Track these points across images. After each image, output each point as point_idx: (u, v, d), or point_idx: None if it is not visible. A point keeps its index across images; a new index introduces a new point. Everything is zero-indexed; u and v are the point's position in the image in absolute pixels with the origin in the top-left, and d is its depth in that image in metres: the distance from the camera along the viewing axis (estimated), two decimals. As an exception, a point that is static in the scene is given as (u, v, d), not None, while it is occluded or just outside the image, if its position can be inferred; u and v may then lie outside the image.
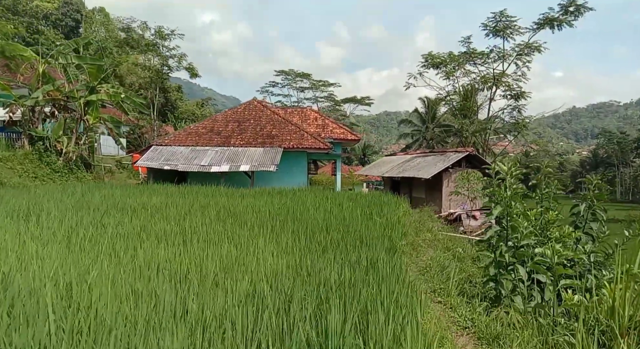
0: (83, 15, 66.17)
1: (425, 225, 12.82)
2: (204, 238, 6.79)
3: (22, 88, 21.01)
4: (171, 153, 23.16)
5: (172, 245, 6.01)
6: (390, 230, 8.54)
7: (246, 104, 28.10)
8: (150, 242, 6.16)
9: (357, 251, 6.56)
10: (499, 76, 29.07)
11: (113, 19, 66.69)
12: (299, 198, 13.70)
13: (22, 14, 61.05)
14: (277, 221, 8.56)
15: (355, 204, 12.60)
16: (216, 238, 6.75)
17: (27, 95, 20.00)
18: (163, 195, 14.81)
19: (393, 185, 25.29)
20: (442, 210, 20.57)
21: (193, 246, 5.93)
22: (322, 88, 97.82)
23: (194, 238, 6.64)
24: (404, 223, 10.23)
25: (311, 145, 24.56)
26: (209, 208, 10.34)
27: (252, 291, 3.86)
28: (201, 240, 6.57)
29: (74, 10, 64.98)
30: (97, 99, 21.16)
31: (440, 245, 9.94)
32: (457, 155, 20.62)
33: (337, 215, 9.80)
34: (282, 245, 6.55)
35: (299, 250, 6.29)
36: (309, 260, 5.52)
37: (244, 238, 6.91)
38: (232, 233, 7.26)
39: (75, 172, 21.13)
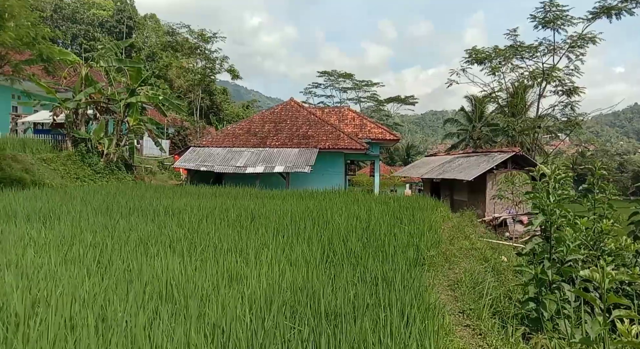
0: (135, 21, 68.94)
1: (463, 231, 11.86)
2: (211, 246, 6.35)
3: (67, 92, 21.77)
4: (208, 155, 23.27)
5: (172, 255, 5.59)
6: (419, 238, 7.77)
7: (283, 105, 27.89)
8: (150, 252, 5.78)
9: (376, 263, 5.89)
10: (549, 70, 26.97)
11: (163, 25, 69.01)
12: (327, 201, 13.12)
13: (80, 22, 64.47)
14: (296, 227, 8.02)
15: (387, 208, 11.85)
16: (224, 246, 6.29)
17: (71, 98, 20.68)
18: (192, 196, 14.71)
19: (433, 187, 24.15)
20: (485, 214, 19.30)
21: (192, 258, 5.49)
22: (365, 88, 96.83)
23: (200, 246, 6.21)
24: (436, 230, 9.39)
25: (347, 146, 23.92)
26: (230, 211, 9.97)
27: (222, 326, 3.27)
28: (206, 249, 6.13)
29: (127, 18, 67.80)
30: (136, 101, 21.56)
31: (478, 254, 9.02)
32: (502, 156, 19.26)
33: (363, 221, 9.13)
34: (293, 256, 5.99)
35: (310, 263, 5.70)
36: (316, 276, 4.92)
37: (254, 246, 6.41)
38: (243, 240, 6.79)
39: (115, 173, 21.61)
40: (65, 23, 66.02)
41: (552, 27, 26.91)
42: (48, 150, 20.08)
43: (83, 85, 20.84)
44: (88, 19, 64.51)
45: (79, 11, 65.45)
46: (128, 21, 68.37)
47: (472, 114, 52.53)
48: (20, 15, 12.74)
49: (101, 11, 66.76)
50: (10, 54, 13.73)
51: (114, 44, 22.20)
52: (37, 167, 18.34)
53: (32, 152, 19.01)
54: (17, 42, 12.45)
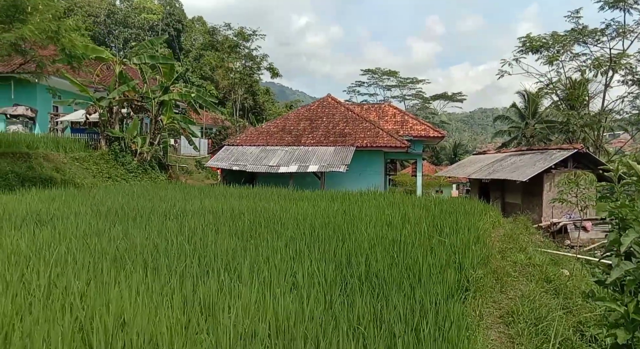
0: (183, 24, 70.27)
1: (517, 240, 10.14)
2: (203, 261, 5.22)
3: (104, 91, 21.67)
4: (241, 153, 22.49)
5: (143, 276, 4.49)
6: (463, 253, 6.29)
7: (320, 101, 26.71)
8: (128, 269, 4.72)
9: (404, 290, 4.52)
10: (617, 57, 23.83)
11: (210, 28, 70.01)
12: (360, 204, 11.78)
13: (131, 26, 66.57)
14: (312, 238, 6.77)
15: (426, 213, 10.34)
16: (217, 264, 5.13)
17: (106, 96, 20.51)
18: (217, 198, 13.81)
19: (481, 189, 22.09)
20: (542, 219, 17.19)
21: (172, 280, 4.35)
22: (410, 86, 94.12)
23: (184, 263, 5.08)
24: (485, 241, 7.83)
25: (387, 144, 22.38)
26: (245, 215, 8.88)
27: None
28: (195, 266, 4.99)
29: (175, 21, 69.26)
30: (169, 99, 21.11)
31: (537, 272, 7.39)
32: (562, 153, 17.05)
33: (395, 229, 7.73)
34: (298, 278, 4.74)
35: (317, 289, 4.43)
36: (317, 311, 3.65)
37: (254, 263, 5.22)
38: (243, 255, 5.62)
39: (149, 173, 21.27)
40: (118, 27, 68.42)
41: (623, 7, 23.53)
42: (82, 149, 19.98)
43: (117, 83, 20.62)
44: (139, 23, 66.42)
45: (130, 15, 67.57)
46: (176, 24, 69.84)
47: (525, 110, 49.25)
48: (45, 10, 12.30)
49: (151, 15, 68.58)
50: (35, 48, 13.39)
51: (148, 41, 21.87)
52: (70, 166, 18.20)
53: (65, 151, 18.92)
54: (37, 35, 11.97)
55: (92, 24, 62.40)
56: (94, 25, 63.22)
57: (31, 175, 15.81)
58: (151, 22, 67.75)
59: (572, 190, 11.26)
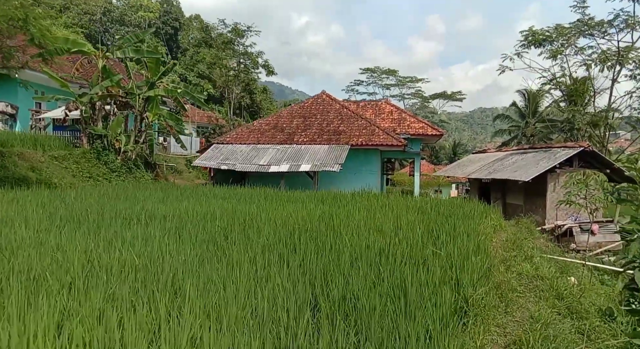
0: (181, 23, 69.26)
1: (522, 247, 9.22)
2: (149, 279, 4.29)
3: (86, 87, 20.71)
4: (231, 152, 21.55)
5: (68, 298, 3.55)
6: (462, 266, 5.36)
7: (314, 98, 25.75)
8: (43, 291, 3.78)
9: (387, 321, 3.60)
10: (625, 50, 22.71)
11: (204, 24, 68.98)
12: (349, 207, 10.84)
13: (128, 24, 65.54)
14: (286, 249, 5.84)
15: (422, 217, 9.42)
16: (161, 284, 4.20)
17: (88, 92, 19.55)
18: (199, 199, 12.88)
19: (482, 189, 21.14)
20: (546, 222, 16.26)
21: (94, 303, 3.41)
22: (409, 85, 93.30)
23: (129, 279, 4.15)
24: (486, 250, 6.90)
25: (383, 142, 21.44)
26: (220, 220, 7.95)
27: None
28: (134, 287, 4.06)
29: (172, 19, 68.26)
30: (154, 95, 20.16)
31: (546, 286, 6.47)
32: (567, 152, 16.11)
33: (384, 238, 6.81)
34: (255, 302, 3.82)
35: (281, 317, 3.50)
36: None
37: (206, 283, 4.29)
38: (200, 270, 4.70)
39: (133, 172, 20.33)
40: (114, 25, 67.47)
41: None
42: (62, 147, 19.02)
43: (100, 78, 19.66)
44: (135, 21, 65.43)
45: (127, 13, 66.54)
46: (174, 22, 68.86)
47: (525, 109, 48.37)
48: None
49: (148, 13, 67.59)
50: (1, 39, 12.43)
51: (133, 34, 20.89)
52: (47, 165, 17.25)
53: (43, 149, 17.96)
54: (1, 23, 11.03)
55: (88, 21, 61.45)
56: (90, 23, 62.25)
57: (3, 174, 14.86)
58: (148, 20, 66.81)
59: (580, 191, 10.33)
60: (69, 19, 58.79)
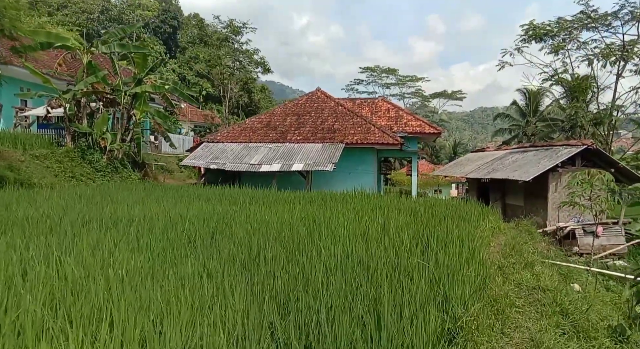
0: (180, 22, 68.52)
1: (521, 252, 8.51)
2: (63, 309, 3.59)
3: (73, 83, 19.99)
4: (221, 151, 20.84)
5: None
6: (450, 282, 4.65)
7: (308, 95, 25.03)
8: None
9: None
10: (630, 44, 21.76)
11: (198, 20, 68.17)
12: (337, 209, 10.15)
13: (126, 22, 64.79)
14: (251, 260, 5.13)
15: (413, 220, 8.72)
16: (82, 310, 3.50)
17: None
18: (179, 199, 12.19)
19: (480, 189, 20.40)
20: (547, 224, 15.54)
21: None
22: (409, 84, 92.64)
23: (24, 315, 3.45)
24: (481, 258, 6.19)
25: (378, 140, 20.72)
26: (189, 225, 7.25)
27: None
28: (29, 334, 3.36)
29: (171, 18, 67.48)
30: (141, 91, 19.46)
31: (548, 299, 5.76)
32: (570, 150, 15.37)
33: (367, 246, 6.11)
34: (200, 332, 3.12)
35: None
36: None
37: (138, 310, 3.59)
38: (134, 290, 4.00)
39: (120, 171, 19.63)
40: (112, 24, 66.81)
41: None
42: (45, 145, 18.32)
43: (85, 74, 18.97)
44: (134, 20, 64.75)
45: (125, 12, 65.79)
46: (172, 21, 68.11)
47: (526, 108, 47.66)
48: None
49: (147, 12, 66.87)
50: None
51: (119, 28, 20.18)
52: (27, 164, 16.55)
53: (24, 147, 17.28)
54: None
55: (86, 20, 60.71)
56: (88, 22, 61.52)
57: (-22, 174, 14.19)
58: (146, 18, 66.07)
59: (585, 191, 9.61)
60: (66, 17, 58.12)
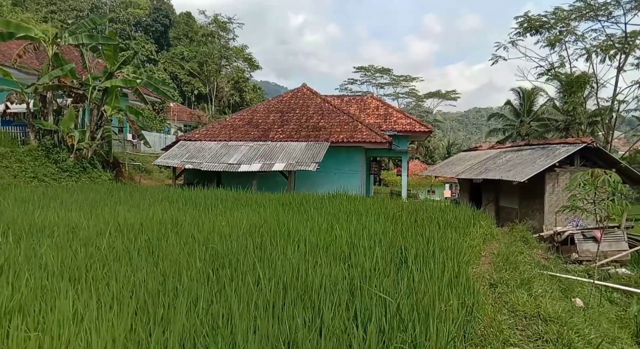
0: (171, 20, 67.07)
1: (517, 265, 7.36)
2: None
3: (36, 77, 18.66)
4: (198, 150, 19.59)
5: None
6: (422, 321, 3.48)
7: (293, 92, 23.84)
8: None
9: None
10: (632, 35, 20.60)
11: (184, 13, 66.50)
12: (307, 215, 8.98)
13: (116, 21, 63.25)
14: (164, 287, 3.95)
15: (393, 227, 7.56)
16: None
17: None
18: (139, 202, 10.97)
19: (472, 191, 19.32)
20: (544, 228, 14.46)
21: None
22: (404, 84, 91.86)
23: None
24: (468, 281, 5.03)
25: (366, 138, 19.56)
26: (117, 237, 6.05)
27: None
28: None
29: (163, 16, 66.02)
30: (112, 86, 18.18)
31: (552, 333, 4.60)
32: (568, 149, 14.30)
33: (328, 266, 4.93)
34: None
35: None
36: None
37: None
38: None
39: (89, 171, 18.34)
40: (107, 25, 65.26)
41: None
42: (5, 143, 17.03)
43: (50, 66, 17.68)
44: (124, 18, 63.18)
45: (115, 10, 64.17)
46: (164, 19, 66.67)
47: (520, 108, 46.97)
48: None
49: (138, 10, 65.36)
50: None
51: (89, 19, 18.86)
52: (-18, 163, 15.29)
53: (-20, 145, 16.01)
54: None
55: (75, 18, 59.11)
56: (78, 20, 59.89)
57: None
58: (137, 17, 64.61)
59: (588, 194, 8.52)
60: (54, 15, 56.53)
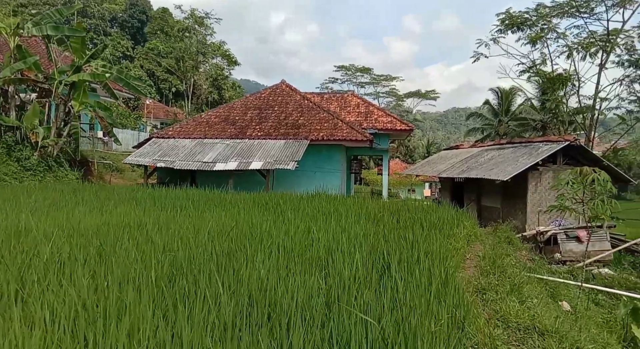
0: (148, 16, 65.32)
1: (504, 269, 6.93)
2: None
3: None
4: (171, 148, 18.77)
5: None
6: (413, 336, 2.96)
7: (272, 88, 23.18)
8: None
9: None
10: (614, 33, 20.55)
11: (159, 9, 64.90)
12: (283, 217, 8.39)
13: (91, 16, 61.18)
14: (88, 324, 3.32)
15: (375, 228, 7.04)
16: None
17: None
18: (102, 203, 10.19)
19: (454, 190, 19.02)
20: (526, 227, 14.21)
21: None
22: (384, 83, 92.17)
23: None
24: (457, 290, 4.53)
25: (346, 137, 19.06)
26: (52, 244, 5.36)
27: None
28: None
29: (139, 12, 64.28)
30: (79, 80, 17.22)
31: (551, 346, 4.13)
32: (551, 147, 14.08)
33: (299, 277, 4.37)
34: None
35: None
36: None
37: None
38: None
39: (54, 170, 17.35)
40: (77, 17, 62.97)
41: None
42: (-39, 140, 15.93)
43: (12, 59, 16.63)
44: (99, 13, 61.17)
45: (90, 5, 62.10)
46: (140, 15, 64.92)
47: (499, 107, 47.54)
48: None
49: (113, 5, 63.43)
50: None
51: (55, 10, 17.84)
52: None
53: None
54: None
55: (49, 12, 56.89)
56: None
57: None
58: (113, 13, 62.75)
59: (575, 193, 8.17)
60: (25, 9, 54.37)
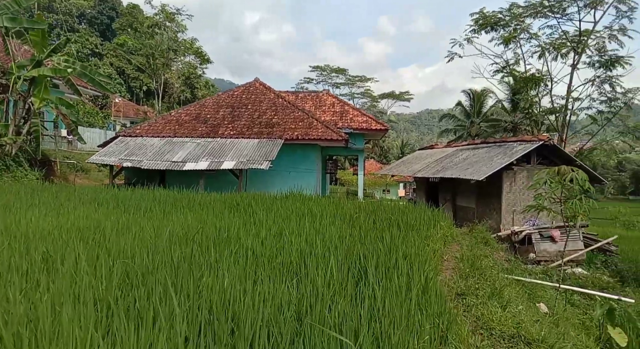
0: (118, 12, 63.30)
1: (483, 271, 6.72)
2: None
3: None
4: (139, 146, 18.00)
5: None
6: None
7: (245, 86, 22.62)
8: None
9: None
10: (586, 33, 20.93)
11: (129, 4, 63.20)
12: (254, 218, 7.97)
13: (57, 11, 58.69)
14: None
15: (350, 231, 6.72)
16: None
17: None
18: (60, 205, 9.52)
19: (429, 190, 18.98)
20: (501, 227, 14.20)
21: None
22: (359, 84, 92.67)
23: None
24: (440, 296, 4.23)
25: (322, 136, 18.74)
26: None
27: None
28: None
29: (109, 8, 62.28)
30: (39, 75, 16.28)
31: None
32: (525, 147, 14.12)
33: (267, 286, 3.99)
34: None
35: None
36: None
37: None
38: None
39: (12, 170, 16.36)
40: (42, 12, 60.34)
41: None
42: None
43: (-35, 52, 15.59)
44: (66, 9, 58.81)
45: (56, 0, 59.58)
46: (110, 12, 62.91)
47: (471, 109, 48.34)
48: None
49: (81, 1, 61.13)
50: None
51: (12, 1, 16.84)
52: None
53: None
54: None
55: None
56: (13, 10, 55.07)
57: None
58: (81, 8, 60.54)
59: (553, 194, 8.06)
60: None
